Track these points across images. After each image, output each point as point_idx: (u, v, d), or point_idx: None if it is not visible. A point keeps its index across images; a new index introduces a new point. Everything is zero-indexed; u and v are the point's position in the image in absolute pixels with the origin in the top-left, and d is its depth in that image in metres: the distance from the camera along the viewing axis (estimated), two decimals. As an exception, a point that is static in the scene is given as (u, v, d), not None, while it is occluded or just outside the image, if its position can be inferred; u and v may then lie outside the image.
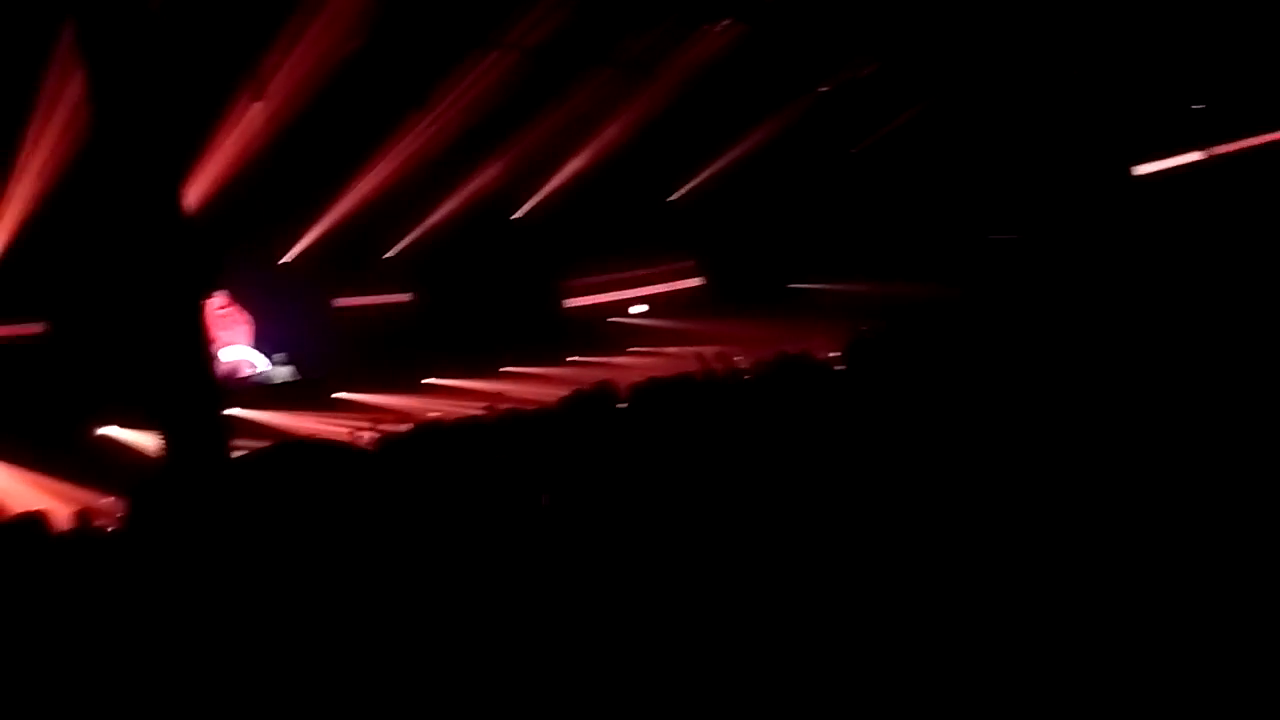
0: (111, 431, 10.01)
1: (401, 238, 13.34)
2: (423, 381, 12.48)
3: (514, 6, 10.70)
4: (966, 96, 12.93)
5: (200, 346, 6.16)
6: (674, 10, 11.69)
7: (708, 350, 12.28)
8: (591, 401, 4.83)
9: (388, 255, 13.39)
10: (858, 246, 14.30)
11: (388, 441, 4.78)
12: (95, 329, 9.60)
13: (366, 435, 8.68)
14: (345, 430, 10.03)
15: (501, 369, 12.67)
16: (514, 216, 14.27)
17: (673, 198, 14.82)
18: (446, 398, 11.89)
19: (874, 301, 12.53)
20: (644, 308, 15.26)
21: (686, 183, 14.72)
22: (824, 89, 13.57)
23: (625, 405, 4.46)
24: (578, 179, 13.83)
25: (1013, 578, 2.00)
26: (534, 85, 12.09)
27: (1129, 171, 13.33)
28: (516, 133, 12.84)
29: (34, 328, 10.29)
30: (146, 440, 8.90)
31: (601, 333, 14.46)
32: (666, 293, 15.10)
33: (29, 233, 9.73)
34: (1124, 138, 13.04)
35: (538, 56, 11.54)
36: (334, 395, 11.95)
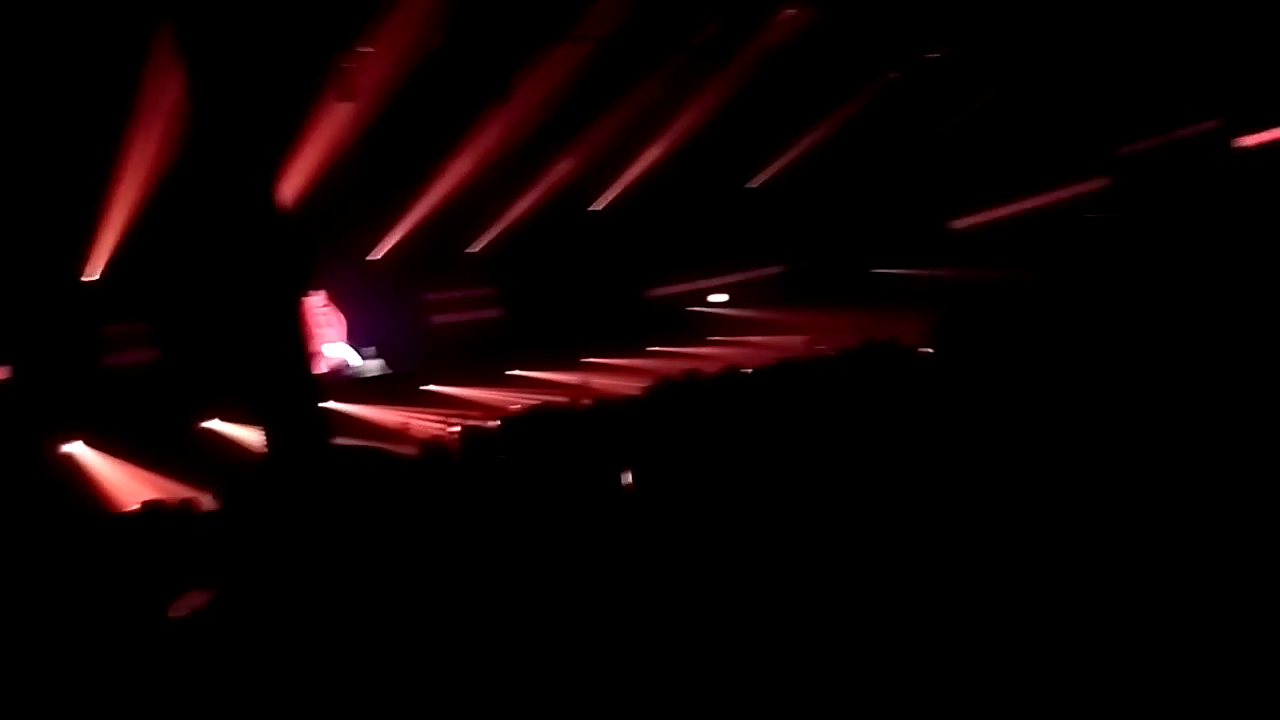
0: (216, 426, 10.42)
1: (484, 232, 13.57)
2: (507, 373, 12.68)
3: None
4: (1046, 74, 12.49)
5: (299, 343, 6.38)
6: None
7: (795, 339, 12.26)
8: (678, 390, 4.86)
9: (471, 250, 13.64)
10: (941, 230, 14.03)
11: (474, 435, 4.90)
12: (199, 327, 9.99)
13: (457, 428, 8.89)
14: (435, 424, 10.28)
15: (583, 359, 12.79)
16: (592, 208, 14.40)
17: (752, 184, 14.73)
18: (530, 390, 12.06)
19: (958, 286, 12.28)
20: (724, 296, 15.22)
21: (766, 169, 14.61)
22: (893, 75, 13.32)
23: (712, 393, 4.48)
24: (656, 168, 13.85)
25: (1117, 563, 1.96)
26: (609, 75, 12.15)
27: (1230, 144, 12.74)
28: (594, 123, 12.92)
29: (139, 326, 10.78)
30: (249, 435, 9.27)
31: (682, 322, 14.48)
32: (746, 281, 15.03)
33: (134, 234, 10.19)
34: (1222, 108, 12.46)
35: (613, 46, 11.59)
36: (422, 388, 12.21)
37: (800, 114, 13.73)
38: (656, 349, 13.28)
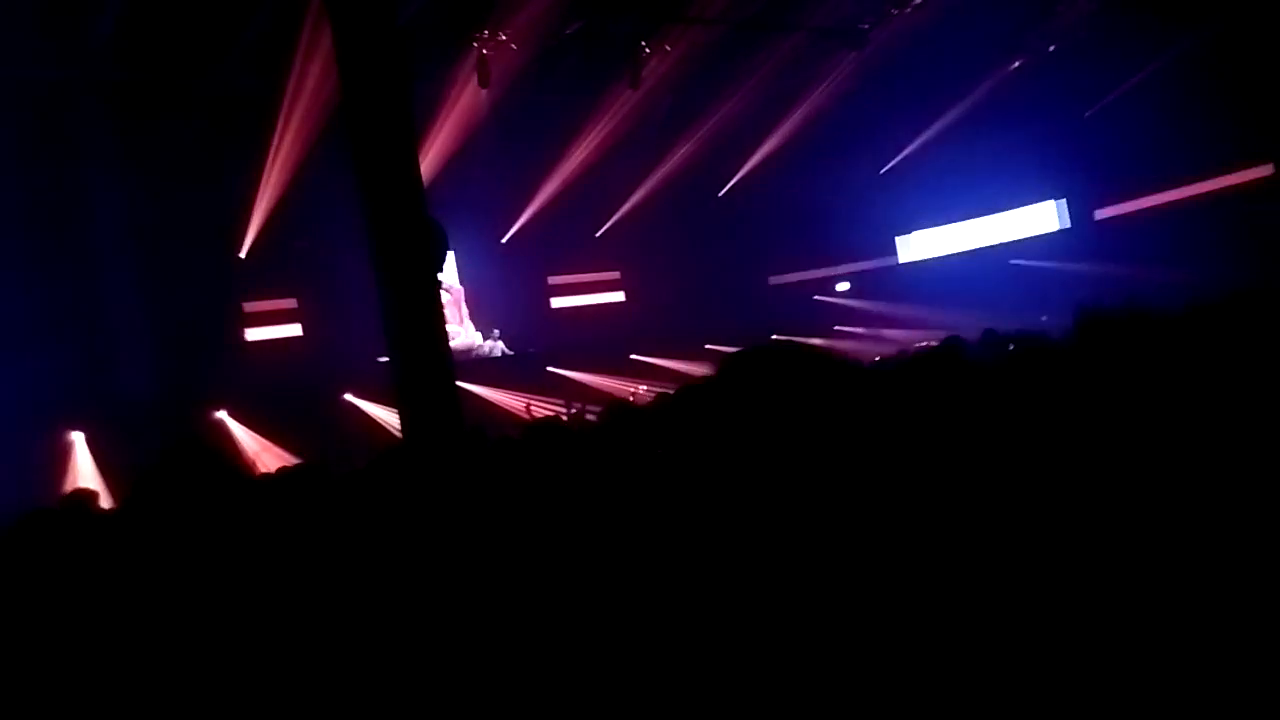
0: (353, 400, 10.75)
1: (610, 216, 13.59)
2: (631, 358, 12.68)
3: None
4: (1201, 51, 11.59)
5: (435, 324, 6.46)
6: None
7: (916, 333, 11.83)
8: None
9: (597, 234, 13.68)
10: (1085, 221, 13.33)
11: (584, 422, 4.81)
12: (340, 305, 10.30)
13: (576, 411, 8.93)
14: (555, 408, 10.33)
15: (706, 346, 12.68)
16: (720, 193, 14.25)
17: (883, 171, 14.30)
18: (650, 378, 12.02)
19: (1098, 280, 11.65)
20: (847, 285, 14.87)
21: (895, 156, 14.16)
22: (1018, 63, 12.68)
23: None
24: (783, 153, 13.60)
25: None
26: (738, 59, 11.97)
27: None
28: (720, 105, 12.77)
29: (286, 303, 11.20)
30: (386, 413, 9.53)
31: (806, 311, 14.21)
32: (873, 270, 14.65)
33: (280, 214, 10.58)
34: None
35: (742, 29, 11.40)
36: (548, 369, 12.32)
37: (932, 98, 13.22)
38: (779, 338, 13.02)
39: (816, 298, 14.56)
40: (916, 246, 14.59)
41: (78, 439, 8.92)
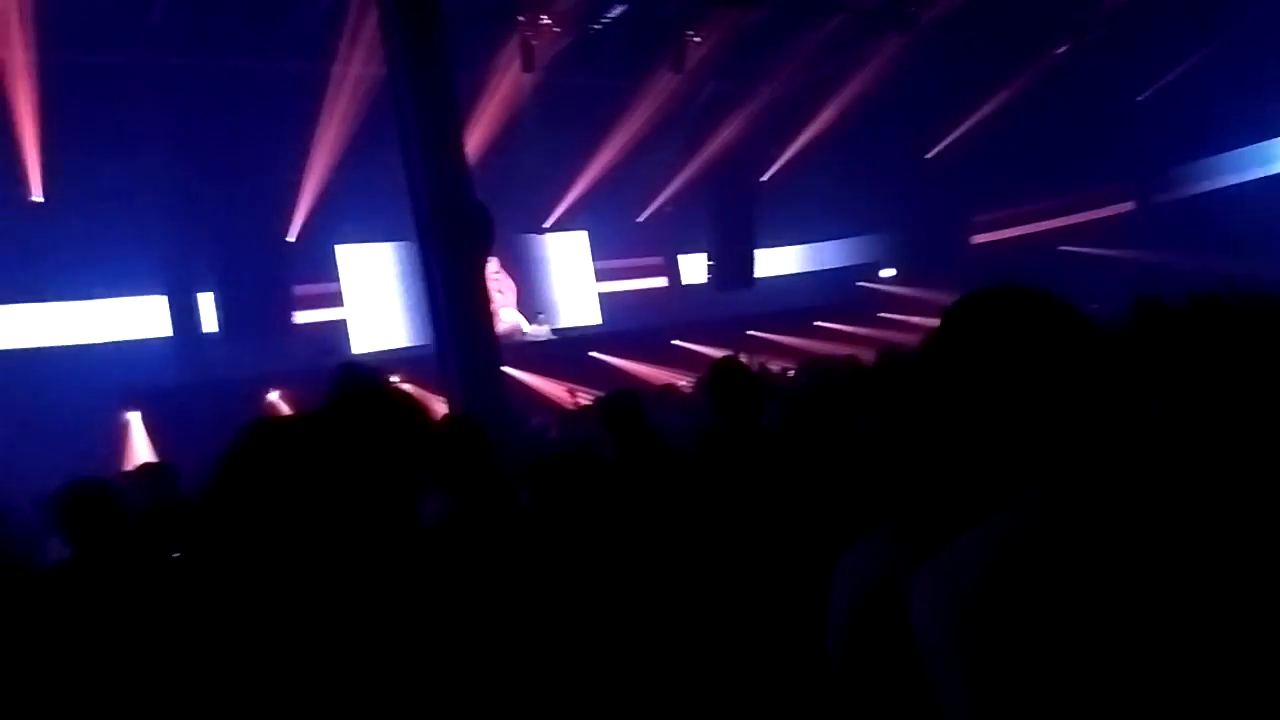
0: (401, 386, 10.85)
1: (651, 201, 13.58)
2: (673, 342, 12.64)
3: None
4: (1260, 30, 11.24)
5: (482, 308, 6.52)
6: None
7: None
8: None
9: (640, 218, 13.69)
10: (1140, 206, 13.07)
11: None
12: (384, 289, 10.43)
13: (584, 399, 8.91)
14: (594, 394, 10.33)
15: (748, 333, 12.62)
16: (764, 178, 14.16)
17: (930, 154, 14.10)
18: (681, 368, 11.91)
19: (1154, 268, 11.40)
20: (892, 272, 14.71)
21: (944, 138, 13.94)
22: (1062, 49, 12.39)
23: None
24: (825, 137, 13.47)
25: None
26: (782, 41, 11.85)
27: None
28: (763, 90, 12.67)
29: (334, 287, 11.33)
30: (430, 397, 9.59)
31: (849, 297, 14.09)
32: (920, 257, 14.41)
33: (327, 198, 10.73)
34: None
35: (784, 11, 11.29)
36: (590, 354, 12.33)
37: (982, 81, 12.99)
38: (822, 324, 12.93)
39: (860, 283, 14.43)
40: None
41: (134, 418, 9.12)
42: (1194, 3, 11.18)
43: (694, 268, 14.21)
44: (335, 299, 11.57)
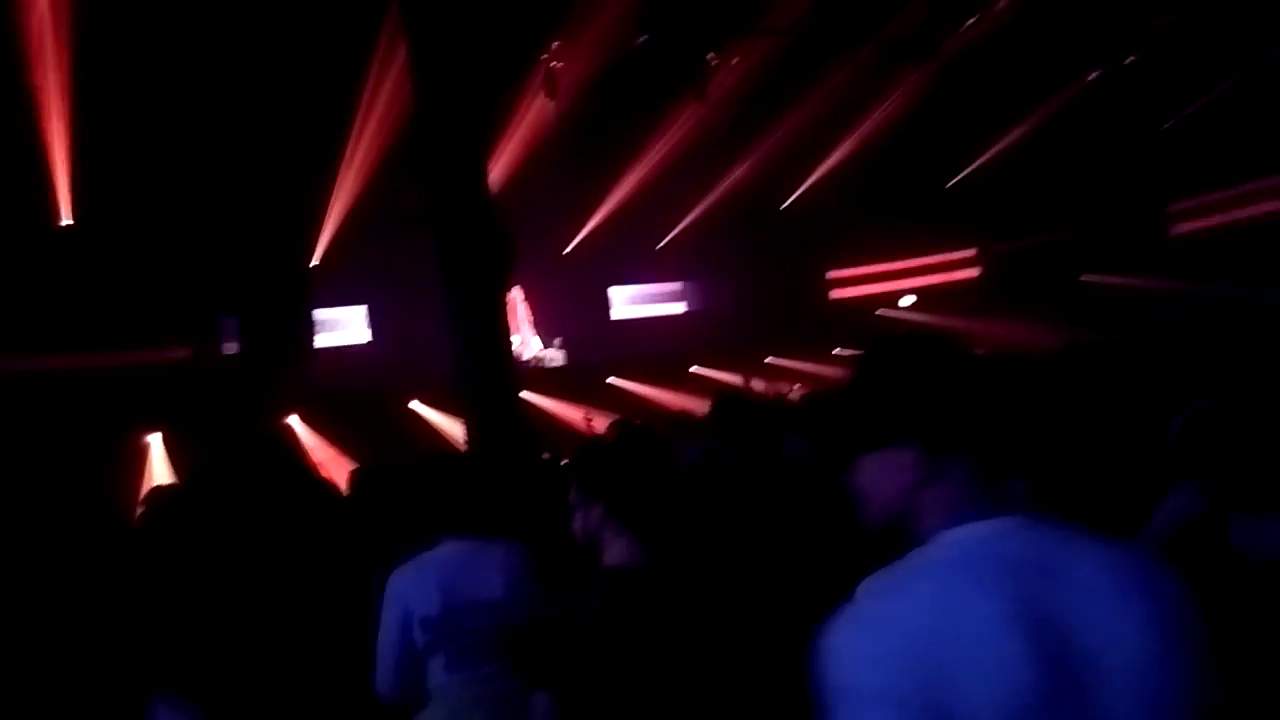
0: (419, 409, 10.88)
1: (672, 228, 13.60)
2: (690, 370, 12.63)
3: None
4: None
5: (500, 333, 6.53)
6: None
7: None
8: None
9: (659, 245, 13.70)
10: (1162, 236, 12.98)
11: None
12: (409, 313, 10.46)
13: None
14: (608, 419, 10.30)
15: (767, 360, 12.59)
16: (783, 206, 14.17)
17: (950, 184, 14.09)
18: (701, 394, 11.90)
19: (1178, 297, 11.33)
20: (912, 299, 14.66)
21: (965, 168, 13.93)
22: (1095, 73, 12.40)
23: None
24: (848, 165, 13.49)
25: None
26: (802, 68, 11.90)
27: None
28: (784, 118, 12.70)
29: (356, 310, 11.40)
30: (448, 421, 9.62)
31: (868, 326, 14.02)
32: (941, 284, 14.42)
33: (352, 223, 10.81)
34: None
35: (808, 39, 11.34)
36: (607, 380, 12.33)
37: (1002, 111, 13.00)
38: (841, 352, 12.89)
39: (879, 312, 14.38)
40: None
41: (154, 440, 9.18)
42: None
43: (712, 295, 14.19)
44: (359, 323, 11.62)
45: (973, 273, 14.61)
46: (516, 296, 12.42)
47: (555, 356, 12.73)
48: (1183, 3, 11.13)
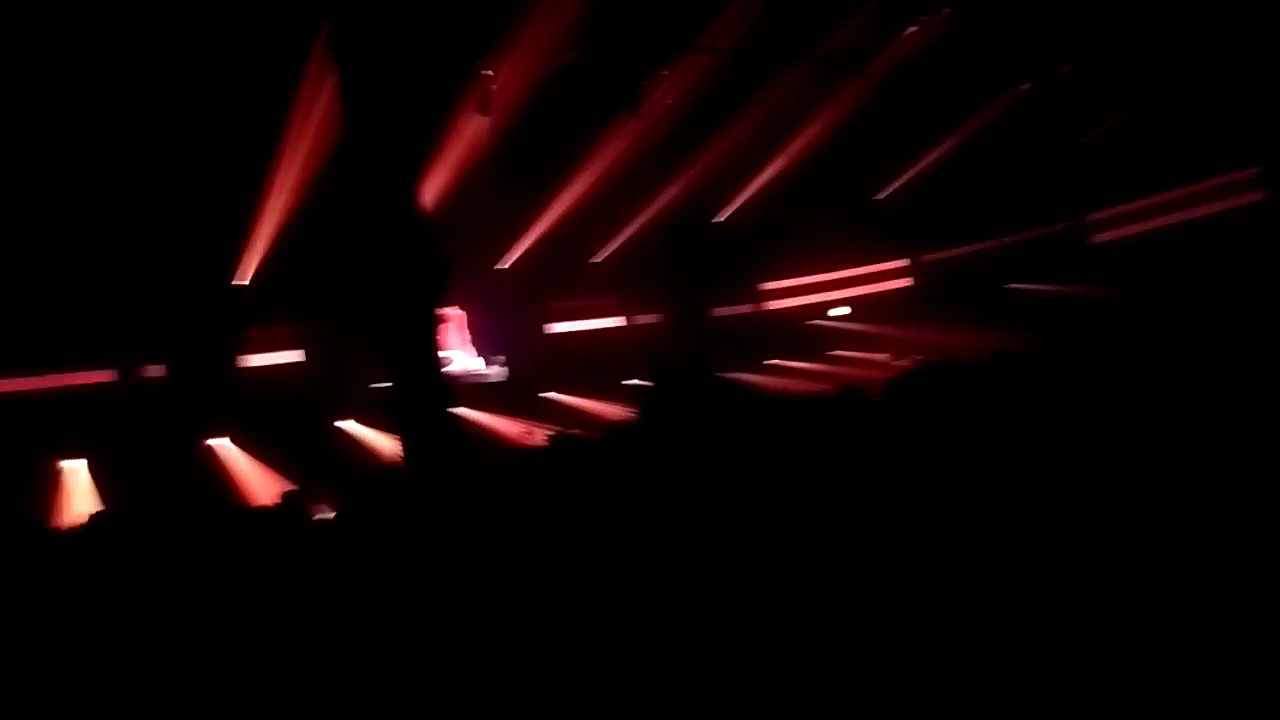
0: (350, 428, 10.76)
1: (608, 243, 13.66)
2: (623, 384, 12.65)
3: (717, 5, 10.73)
4: (1200, 78, 11.70)
5: (433, 349, 6.50)
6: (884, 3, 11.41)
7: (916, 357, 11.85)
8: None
9: (595, 260, 13.75)
10: (1081, 244, 13.41)
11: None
12: (340, 331, 10.36)
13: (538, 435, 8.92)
14: (550, 431, 10.32)
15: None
16: (715, 219, 14.32)
17: (880, 196, 14.40)
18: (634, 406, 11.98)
19: (1098, 303, 11.68)
20: (845, 310, 14.92)
21: (895, 180, 14.26)
22: (1025, 86, 12.84)
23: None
24: (781, 179, 13.70)
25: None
26: (736, 86, 12.08)
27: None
28: (719, 134, 12.87)
29: (283, 330, 11.23)
30: (382, 439, 9.52)
31: (800, 336, 14.25)
32: (871, 295, 14.71)
33: (282, 241, 10.66)
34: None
35: (741, 57, 11.53)
36: (541, 395, 12.33)
37: (930, 125, 13.35)
38: (776, 363, 13.08)
39: (810, 322, 14.61)
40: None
41: (79, 466, 8.93)
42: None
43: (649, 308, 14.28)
44: (291, 341, 11.44)
45: (906, 282, 14.92)
46: (453, 313, 12.38)
47: (494, 372, 12.71)
48: (1096, 22, 11.59)
